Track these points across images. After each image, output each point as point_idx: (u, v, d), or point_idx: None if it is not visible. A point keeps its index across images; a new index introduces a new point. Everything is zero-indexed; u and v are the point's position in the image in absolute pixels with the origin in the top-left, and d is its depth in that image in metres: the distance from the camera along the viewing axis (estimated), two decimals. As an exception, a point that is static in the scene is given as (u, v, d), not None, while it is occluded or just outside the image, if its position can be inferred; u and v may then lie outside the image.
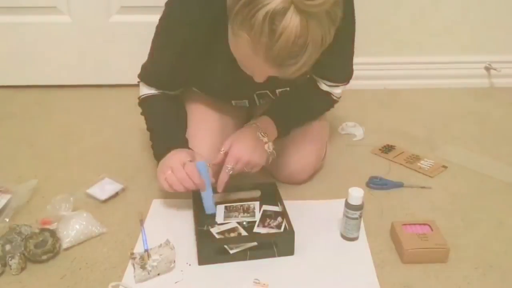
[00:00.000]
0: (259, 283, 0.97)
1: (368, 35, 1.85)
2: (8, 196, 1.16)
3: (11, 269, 0.99)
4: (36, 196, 1.23)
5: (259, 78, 0.98)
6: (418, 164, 1.38)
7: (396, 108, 1.76)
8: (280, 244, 1.04)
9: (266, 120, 1.17)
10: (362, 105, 1.76)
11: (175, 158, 1.08)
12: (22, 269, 1.00)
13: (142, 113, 1.27)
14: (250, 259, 1.03)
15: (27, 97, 1.82)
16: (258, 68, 0.94)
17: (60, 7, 1.76)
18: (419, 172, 1.35)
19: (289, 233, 1.04)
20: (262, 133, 1.13)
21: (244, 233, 1.07)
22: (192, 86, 1.28)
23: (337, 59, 1.13)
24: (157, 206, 1.20)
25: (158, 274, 0.98)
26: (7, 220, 1.12)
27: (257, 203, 1.17)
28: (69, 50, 1.82)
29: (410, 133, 1.57)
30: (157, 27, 1.14)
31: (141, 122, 1.61)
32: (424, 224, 1.08)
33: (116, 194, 1.24)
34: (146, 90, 1.24)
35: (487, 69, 1.92)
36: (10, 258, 0.99)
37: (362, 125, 1.57)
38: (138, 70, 1.69)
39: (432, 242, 1.03)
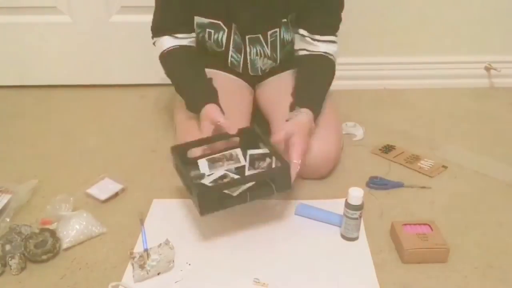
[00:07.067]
0: (259, 282, 0.97)
1: (368, 35, 1.85)
2: (8, 196, 1.16)
3: (11, 269, 0.99)
4: (36, 196, 1.23)
5: None
6: (418, 164, 1.38)
7: (396, 108, 1.76)
8: (277, 179, 1.03)
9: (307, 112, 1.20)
10: (362, 105, 1.75)
11: (204, 116, 1.19)
12: (22, 269, 1.00)
13: (165, 73, 1.31)
14: (250, 200, 1.02)
15: (27, 97, 1.82)
16: None
17: (60, 7, 1.76)
18: (419, 172, 1.35)
19: (284, 166, 1.03)
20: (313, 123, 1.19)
21: (236, 177, 1.06)
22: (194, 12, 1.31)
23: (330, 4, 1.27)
24: (157, 206, 1.20)
25: (158, 274, 0.98)
26: (7, 220, 1.12)
27: (238, 149, 1.16)
28: (69, 50, 1.82)
29: (410, 133, 1.57)
30: None
31: (141, 121, 1.62)
32: (424, 224, 1.09)
33: (116, 194, 1.24)
34: (162, 45, 1.29)
35: (487, 69, 1.91)
36: (10, 258, 0.99)
37: (362, 125, 1.57)
38: (138, 70, 1.69)
39: (432, 242, 1.03)
